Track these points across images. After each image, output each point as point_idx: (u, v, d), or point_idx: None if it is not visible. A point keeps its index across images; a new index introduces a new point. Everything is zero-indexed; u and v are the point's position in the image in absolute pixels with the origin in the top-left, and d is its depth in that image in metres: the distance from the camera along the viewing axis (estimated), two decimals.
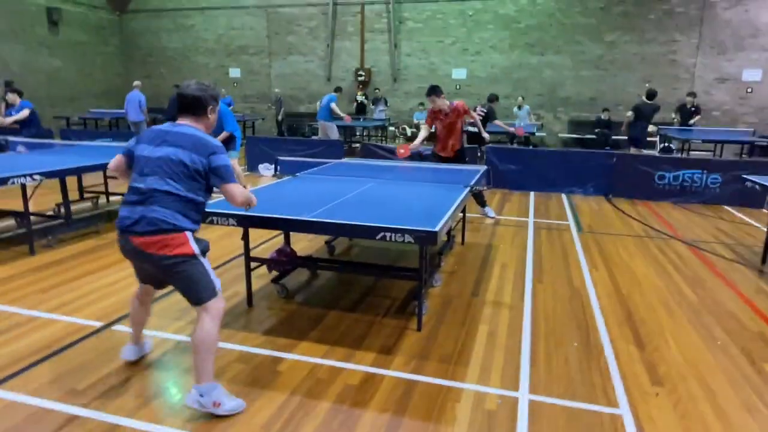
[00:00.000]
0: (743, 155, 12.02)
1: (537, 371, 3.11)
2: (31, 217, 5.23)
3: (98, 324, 3.59)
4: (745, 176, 5.44)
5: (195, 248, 2.53)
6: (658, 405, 2.80)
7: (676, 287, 4.54)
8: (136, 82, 12.19)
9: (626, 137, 9.74)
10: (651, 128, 9.14)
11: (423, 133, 6.13)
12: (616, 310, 4.04)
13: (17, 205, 5.35)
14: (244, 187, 3.00)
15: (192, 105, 2.67)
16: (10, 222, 5.94)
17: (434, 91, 5.95)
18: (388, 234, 3.09)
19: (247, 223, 3.47)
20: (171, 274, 2.55)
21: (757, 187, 5.11)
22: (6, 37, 14.29)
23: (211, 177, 2.58)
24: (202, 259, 2.58)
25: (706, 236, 6.25)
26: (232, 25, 17.39)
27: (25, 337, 3.40)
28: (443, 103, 6.00)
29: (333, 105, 11.41)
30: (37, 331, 3.48)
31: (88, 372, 2.99)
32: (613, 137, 13.52)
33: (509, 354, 3.31)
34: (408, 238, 3.06)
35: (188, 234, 2.53)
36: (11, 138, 7.44)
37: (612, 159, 8.62)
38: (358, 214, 3.50)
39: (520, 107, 13.72)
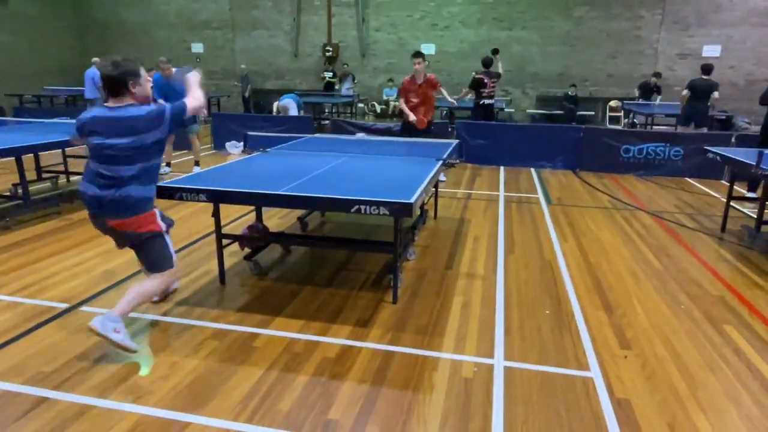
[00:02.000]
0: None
1: (511, 339, 3.17)
2: None
3: (63, 306, 3.48)
4: (707, 147, 5.61)
5: (162, 226, 2.99)
6: (626, 367, 2.90)
7: (641, 256, 4.68)
8: (95, 59, 11.66)
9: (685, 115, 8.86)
10: (715, 94, 8.46)
11: (404, 105, 6.93)
12: (585, 278, 4.14)
13: None
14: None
15: (112, 86, 2.78)
16: None
17: (423, 54, 6.66)
18: (363, 207, 3.06)
19: (217, 198, 3.39)
20: (142, 246, 2.98)
21: (718, 158, 5.27)
22: None
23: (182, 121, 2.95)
24: (166, 236, 3.04)
25: (669, 207, 6.44)
26: None
27: None
28: (423, 69, 6.66)
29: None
30: None
31: (55, 354, 2.89)
32: (579, 113, 13.73)
33: (484, 323, 3.36)
34: (383, 210, 3.04)
35: (157, 212, 2.96)
36: None
37: (579, 133, 8.75)
38: (331, 188, 3.45)
39: None
